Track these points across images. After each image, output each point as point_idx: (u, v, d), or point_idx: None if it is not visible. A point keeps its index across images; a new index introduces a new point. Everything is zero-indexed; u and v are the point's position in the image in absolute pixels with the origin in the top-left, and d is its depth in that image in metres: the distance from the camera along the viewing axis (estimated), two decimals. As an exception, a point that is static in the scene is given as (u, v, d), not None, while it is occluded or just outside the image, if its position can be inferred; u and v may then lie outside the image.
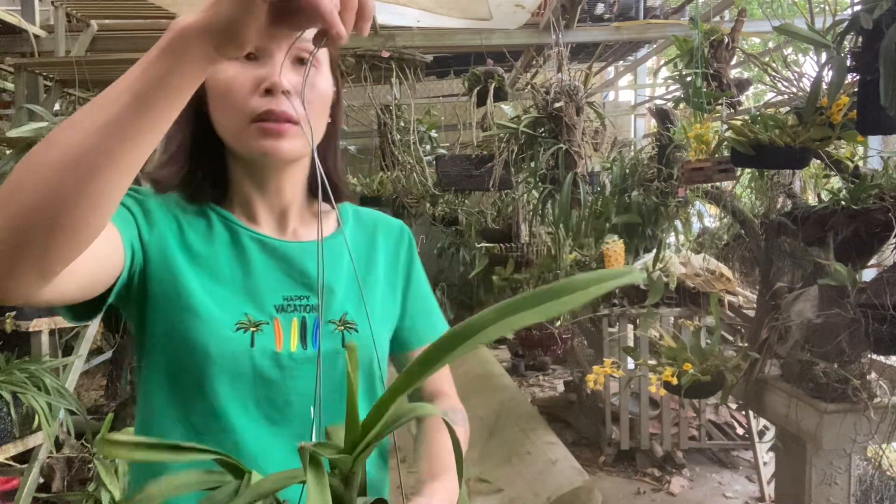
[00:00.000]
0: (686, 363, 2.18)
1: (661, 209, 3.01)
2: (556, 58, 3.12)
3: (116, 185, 0.50)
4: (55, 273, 0.53)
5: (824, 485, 1.94)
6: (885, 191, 1.77)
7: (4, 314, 2.14)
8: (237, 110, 0.72)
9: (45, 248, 0.49)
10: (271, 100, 0.71)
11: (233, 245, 0.79)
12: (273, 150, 0.72)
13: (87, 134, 0.48)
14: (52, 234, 0.49)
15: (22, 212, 0.48)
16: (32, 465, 2.11)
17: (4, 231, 0.48)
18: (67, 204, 0.48)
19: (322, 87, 0.76)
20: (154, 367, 0.76)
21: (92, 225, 0.51)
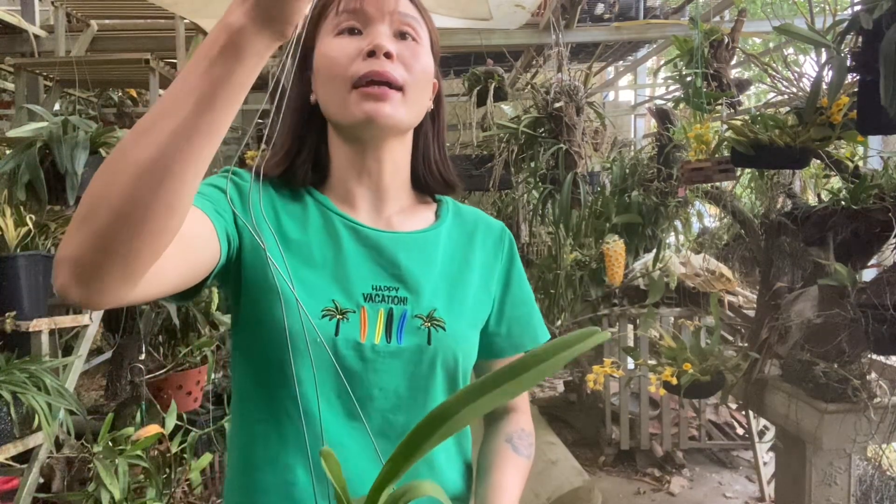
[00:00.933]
0: (686, 363, 2.18)
1: (661, 209, 3.01)
2: (556, 58, 3.12)
3: (190, 185, 0.52)
4: (139, 276, 0.54)
5: (824, 485, 1.94)
6: (885, 191, 1.77)
7: (4, 314, 2.14)
8: (341, 78, 0.74)
9: (127, 253, 0.51)
10: (373, 62, 0.73)
11: (326, 230, 0.78)
12: (374, 112, 0.72)
13: (158, 141, 0.49)
14: (133, 240, 0.50)
15: (106, 221, 0.49)
16: (32, 465, 2.11)
17: (90, 241, 0.50)
18: (147, 209, 0.49)
19: (423, 61, 0.77)
20: (243, 350, 0.77)
21: (170, 225, 0.52)
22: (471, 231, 0.87)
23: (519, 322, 0.88)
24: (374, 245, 0.78)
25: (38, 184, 2.19)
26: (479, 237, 0.87)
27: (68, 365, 2.31)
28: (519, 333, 0.88)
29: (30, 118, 2.66)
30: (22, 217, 2.24)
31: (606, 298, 3.35)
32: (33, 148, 2.22)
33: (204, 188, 0.73)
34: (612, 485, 3.24)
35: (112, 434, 2.17)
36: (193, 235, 0.64)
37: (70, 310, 2.51)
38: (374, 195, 0.81)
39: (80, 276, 0.51)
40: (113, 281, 0.52)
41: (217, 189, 0.74)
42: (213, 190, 0.74)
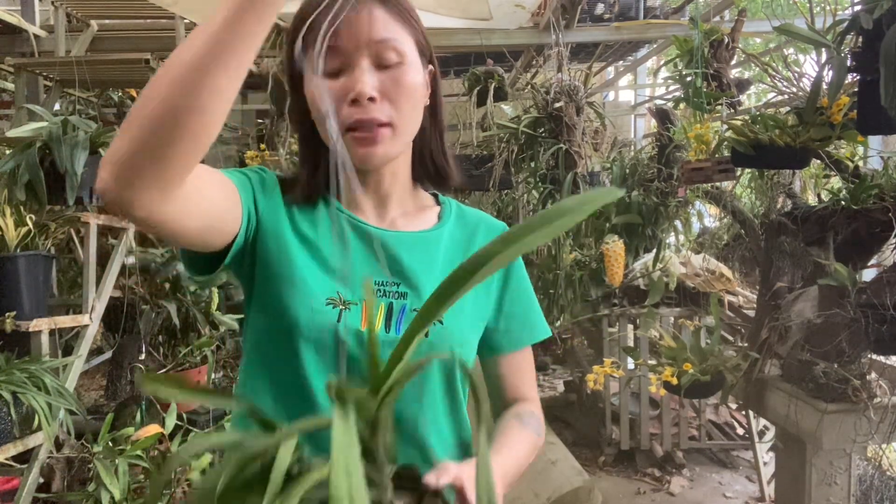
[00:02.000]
0: (686, 363, 2.18)
1: (661, 209, 3.02)
2: (555, 58, 3.12)
3: (226, 87, 0.57)
4: (173, 185, 0.59)
5: (824, 485, 1.94)
6: (885, 191, 1.77)
7: (4, 314, 2.14)
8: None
9: (163, 156, 0.56)
10: (358, 109, 0.74)
11: (334, 230, 0.84)
12: (368, 157, 0.77)
13: (196, 48, 0.55)
14: (169, 142, 0.56)
15: (146, 123, 0.55)
16: (32, 465, 2.11)
17: (130, 143, 0.56)
18: (187, 102, 0.55)
19: (407, 80, 0.77)
20: (253, 331, 0.82)
21: (203, 131, 0.57)
22: (472, 231, 0.90)
23: (517, 318, 0.90)
24: (377, 244, 0.83)
25: (38, 184, 2.19)
26: (481, 237, 0.90)
27: (68, 365, 2.31)
28: (518, 329, 0.89)
29: (30, 118, 2.66)
30: (22, 217, 2.24)
31: (606, 298, 3.35)
32: (33, 148, 2.22)
33: (233, 173, 0.79)
34: (612, 485, 3.24)
35: (112, 434, 2.17)
36: (227, 189, 0.73)
37: (70, 310, 2.51)
38: (377, 201, 0.86)
39: (119, 176, 0.57)
40: (148, 184, 0.57)
41: (245, 176, 0.81)
42: (242, 176, 0.80)
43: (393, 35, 0.76)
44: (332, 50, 0.74)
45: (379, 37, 0.75)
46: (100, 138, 2.37)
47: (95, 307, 2.44)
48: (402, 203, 0.87)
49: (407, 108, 0.78)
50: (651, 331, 2.75)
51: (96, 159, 2.37)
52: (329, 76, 0.75)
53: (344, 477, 0.40)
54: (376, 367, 0.51)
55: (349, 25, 0.74)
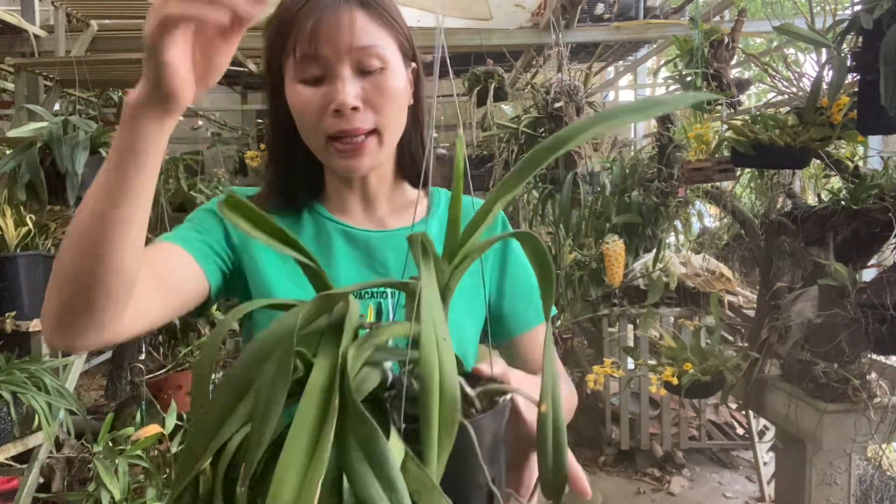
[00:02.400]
0: (686, 363, 2.18)
1: (661, 209, 3.01)
2: (555, 58, 3.12)
3: (126, 246, 0.57)
4: (109, 324, 0.60)
5: (824, 485, 1.94)
6: (885, 191, 1.77)
7: (4, 314, 2.14)
8: (313, 131, 0.76)
9: (88, 308, 0.58)
10: (341, 119, 0.73)
11: (317, 236, 0.83)
12: (353, 168, 0.77)
13: (91, 202, 0.56)
14: (89, 298, 0.57)
15: (65, 285, 0.58)
16: (32, 465, 2.11)
17: (57, 301, 0.59)
18: (94, 260, 0.56)
19: (390, 86, 0.76)
20: (249, 338, 0.84)
21: (118, 283, 0.58)
22: (465, 217, 0.88)
23: (522, 299, 0.88)
24: (364, 246, 0.83)
25: (38, 184, 2.19)
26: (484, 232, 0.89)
27: (68, 365, 2.31)
28: (524, 310, 0.88)
29: (30, 118, 2.65)
30: (22, 217, 2.24)
31: (606, 298, 3.35)
32: (33, 148, 2.22)
33: (197, 217, 0.80)
34: (612, 485, 3.24)
35: (112, 434, 2.17)
36: (176, 279, 0.72)
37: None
38: (365, 202, 0.86)
39: (56, 328, 0.60)
40: (85, 330, 0.59)
41: (210, 213, 0.81)
42: (205, 215, 0.80)
43: (375, 41, 0.74)
44: (312, 57, 0.72)
45: (361, 44, 0.73)
46: (100, 138, 2.37)
47: (95, 307, 2.44)
48: (389, 200, 0.87)
49: (390, 113, 0.77)
50: (651, 331, 2.75)
51: (97, 159, 2.37)
52: (309, 83, 0.74)
53: (431, 329, 0.43)
54: (456, 234, 0.53)
55: (329, 32, 0.72)
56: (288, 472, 0.35)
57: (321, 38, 0.72)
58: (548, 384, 0.49)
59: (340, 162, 0.76)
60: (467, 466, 0.42)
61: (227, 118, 5.94)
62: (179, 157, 4.13)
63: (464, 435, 0.44)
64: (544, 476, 0.49)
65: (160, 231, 3.65)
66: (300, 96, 0.74)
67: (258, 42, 0.82)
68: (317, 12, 0.72)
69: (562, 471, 0.49)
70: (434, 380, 0.42)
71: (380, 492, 0.36)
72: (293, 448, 0.36)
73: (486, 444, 0.47)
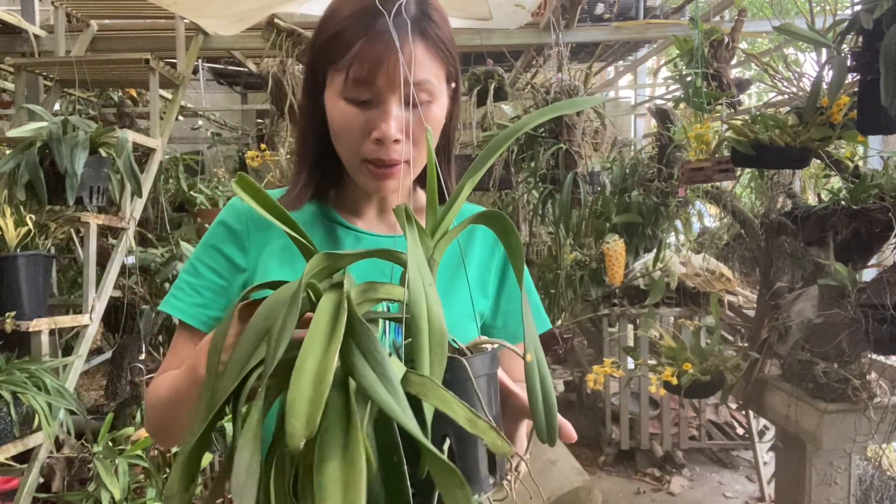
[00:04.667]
0: (686, 363, 2.18)
1: (661, 209, 3.01)
2: (556, 58, 3.12)
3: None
4: None
5: (824, 485, 1.94)
6: (885, 191, 1.77)
7: (4, 314, 2.14)
8: (350, 150, 0.76)
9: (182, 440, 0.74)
10: (381, 148, 0.73)
11: (327, 239, 0.83)
12: (381, 189, 0.78)
13: (162, 399, 0.74)
14: (179, 438, 0.76)
15: (165, 413, 0.74)
16: (32, 465, 2.11)
17: (162, 420, 0.76)
18: (174, 423, 0.74)
19: (432, 118, 0.76)
20: None
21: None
22: (472, 228, 0.89)
23: (514, 314, 0.89)
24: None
25: (38, 184, 2.19)
26: (479, 234, 0.90)
27: (68, 365, 2.31)
28: (514, 324, 0.89)
29: (30, 118, 2.65)
30: (22, 217, 2.24)
31: (606, 298, 3.35)
32: (33, 148, 2.22)
33: (201, 257, 0.82)
34: (612, 485, 3.24)
35: (112, 434, 2.17)
36: None
37: (70, 310, 2.51)
38: (380, 208, 0.87)
39: (160, 439, 0.81)
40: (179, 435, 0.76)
41: (220, 231, 0.82)
42: (212, 241, 0.82)
43: (428, 76, 0.73)
44: (364, 82, 0.71)
45: (415, 80, 0.72)
46: (100, 138, 2.37)
47: (95, 307, 2.45)
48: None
49: (426, 144, 0.77)
50: (651, 331, 2.75)
51: (96, 159, 2.37)
52: (354, 104, 0.73)
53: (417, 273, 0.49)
54: (434, 214, 0.59)
55: (385, 60, 0.70)
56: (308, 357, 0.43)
57: (379, 67, 0.70)
58: (530, 337, 0.54)
59: (370, 182, 0.76)
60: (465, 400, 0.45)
61: (227, 118, 5.94)
62: (179, 157, 4.13)
63: (459, 371, 0.50)
64: (537, 421, 0.53)
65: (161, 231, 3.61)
66: (343, 114, 0.74)
67: (258, 42, 0.82)
68: (379, 37, 0.70)
69: (552, 414, 0.54)
70: (422, 309, 0.48)
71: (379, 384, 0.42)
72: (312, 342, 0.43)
73: (481, 387, 0.52)
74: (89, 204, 2.36)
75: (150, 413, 0.79)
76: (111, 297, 2.61)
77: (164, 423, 0.76)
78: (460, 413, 0.43)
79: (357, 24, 0.71)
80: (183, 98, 3.30)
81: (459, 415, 0.43)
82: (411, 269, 0.50)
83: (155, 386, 0.78)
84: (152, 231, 3.53)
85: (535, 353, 0.53)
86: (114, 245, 2.67)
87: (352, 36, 0.71)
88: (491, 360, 0.55)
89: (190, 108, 4.78)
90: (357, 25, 0.70)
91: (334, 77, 0.74)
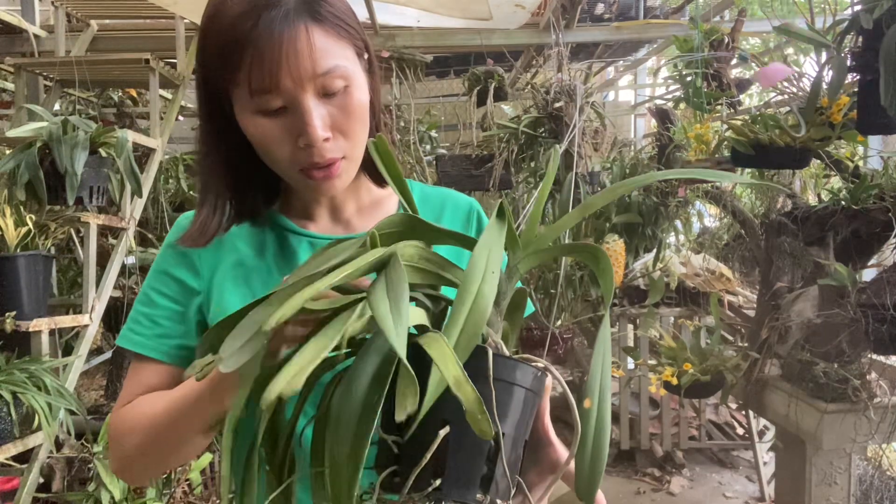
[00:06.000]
0: (686, 363, 2.18)
1: (661, 209, 3.01)
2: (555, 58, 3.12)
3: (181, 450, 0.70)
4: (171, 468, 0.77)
5: (824, 485, 1.94)
6: (885, 191, 1.77)
7: (4, 314, 2.14)
8: (282, 163, 0.70)
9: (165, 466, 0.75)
10: (312, 152, 0.68)
11: (280, 250, 0.79)
12: (328, 191, 0.73)
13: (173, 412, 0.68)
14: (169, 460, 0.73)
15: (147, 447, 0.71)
16: (32, 465, 2.11)
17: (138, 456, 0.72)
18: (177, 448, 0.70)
19: (355, 104, 0.70)
20: None
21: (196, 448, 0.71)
22: (438, 212, 0.87)
23: None
24: None
25: (38, 184, 2.19)
26: (448, 216, 0.86)
27: (68, 365, 2.31)
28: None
29: (30, 118, 2.65)
30: (22, 217, 2.24)
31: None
32: (33, 148, 2.22)
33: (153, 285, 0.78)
34: (612, 485, 3.24)
35: (112, 434, 2.17)
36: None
37: (70, 310, 2.51)
38: (331, 207, 0.82)
39: (129, 476, 0.76)
40: (153, 477, 0.78)
41: (169, 255, 0.79)
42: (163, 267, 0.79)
43: (336, 60, 0.66)
44: (270, 90, 0.65)
45: (324, 69, 0.65)
46: (100, 138, 2.37)
47: (95, 307, 2.44)
48: (355, 199, 0.83)
49: (358, 130, 0.72)
50: (651, 331, 2.75)
51: (96, 159, 2.37)
52: (269, 115, 0.67)
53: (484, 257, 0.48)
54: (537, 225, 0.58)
55: (288, 60, 0.63)
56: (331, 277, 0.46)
57: (279, 68, 0.63)
58: (595, 378, 0.49)
59: (316, 189, 0.72)
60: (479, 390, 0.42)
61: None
62: (179, 157, 4.13)
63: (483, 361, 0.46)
64: (579, 473, 0.48)
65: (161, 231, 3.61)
66: (261, 129, 0.68)
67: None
68: (267, 37, 0.63)
69: (598, 471, 0.47)
70: (472, 287, 0.46)
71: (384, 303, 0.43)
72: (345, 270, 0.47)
73: (516, 398, 0.49)
74: (89, 204, 2.36)
75: (124, 443, 0.72)
76: (111, 297, 2.61)
77: (146, 450, 0.70)
78: (451, 370, 0.41)
79: (240, 31, 0.63)
80: (183, 98, 3.30)
81: (449, 371, 0.41)
82: (479, 250, 0.48)
83: (126, 416, 0.72)
84: (152, 231, 3.53)
85: (598, 398, 0.48)
86: (114, 245, 2.67)
87: (240, 42, 0.63)
88: (534, 377, 0.51)
89: (190, 108, 4.78)
90: (241, 32, 0.63)
91: (237, 93, 0.67)
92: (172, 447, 0.69)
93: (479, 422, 0.40)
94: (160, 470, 0.74)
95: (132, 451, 0.71)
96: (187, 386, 0.66)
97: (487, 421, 0.40)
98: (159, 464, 0.72)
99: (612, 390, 2.16)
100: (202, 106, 0.73)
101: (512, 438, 0.49)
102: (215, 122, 0.72)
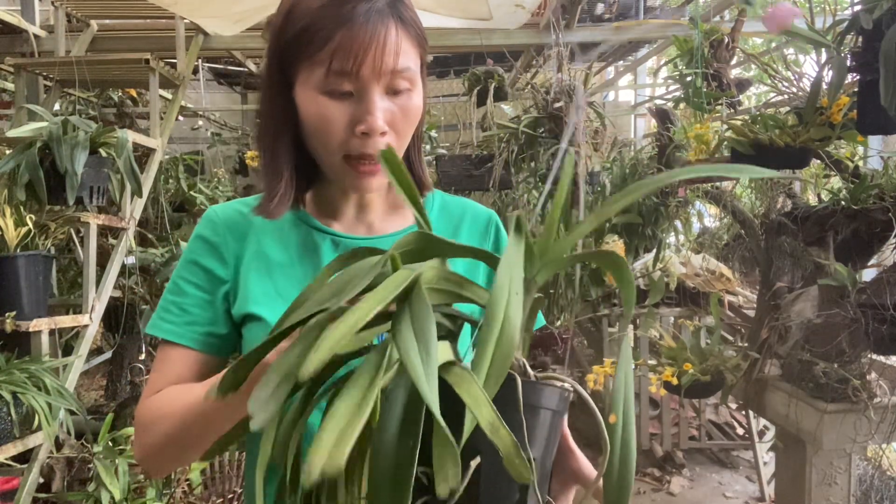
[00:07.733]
0: (686, 363, 2.18)
1: (661, 209, 3.01)
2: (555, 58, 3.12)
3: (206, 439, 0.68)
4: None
5: (824, 485, 1.94)
6: (885, 191, 1.77)
7: (4, 314, 2.14)
8: (332, 146, 0.72)
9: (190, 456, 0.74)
10: (367, 142, 0.70)
11: (303, 246, 0.81)
12: (365, 187, 0.75)
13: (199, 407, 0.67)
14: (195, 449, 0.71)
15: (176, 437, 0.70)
16: (32, 465, 2.11)
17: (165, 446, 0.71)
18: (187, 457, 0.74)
19: (413, 108, 0.74)
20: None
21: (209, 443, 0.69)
22: (457, 222, 0.88)
23: None
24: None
25: (38, 184, 2.19)
26: (466, 227, 0.88)
27: (68, 365, 2.31)
28: None
29: (30, 118, 2.65)
30: (22, 217, 2.24)
31: (606, 298, 3.35)
32: (33, 148, 2.22)
33: (183, 275, 0.80)
34: (612, 485, 3.24)
35: (112, 434, 2.17)
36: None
37: (70, 310, 2.51)
38: (357, 205, 0.84)
39: (154, 466, 0.76)
40: (177, 467, 0.79)
41: (198, 245, 0.81)
42: (192, 257, 0.80)
43: (409, 63, 0.71)
44: (347, 74, 0.68)
45: (399, 67, 0.69)
46: (100, 138, 2.37)
47: (95, 307, 2.45)
48: (382, 203, 0.85)
49: (409, 133, 0.75)
50: (651, 331, 2.75)
51: (96, 159, 2.37)
52: (335, 97, 0.70)
53: (507, 277, 0.46)
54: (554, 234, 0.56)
55: (373, 50, 0.67)
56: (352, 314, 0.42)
57: (365, 55, 0.67)
58: (619, 393, 0.49)
59: (355, 181, 0.74)
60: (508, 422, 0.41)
61: (227, 118, 5.94)
62: (179, 157, 4.14)
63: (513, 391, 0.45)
64: (607, 489, 0.48)
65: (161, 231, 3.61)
66: (324, 109, 0.70)
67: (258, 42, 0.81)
68: (362, 23, 0.67)
69: (626, 487, 0.47)
70: (499, 312, 0.44)
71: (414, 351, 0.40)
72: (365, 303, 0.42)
73: (542, 422, 0.48)
74: (89, 204, 2.36)
75: (151, 431, 0.72)
76: (111, 297, 2.61)
77: (174, 441, 0.70)
78: (485, 415, 0.39)
79: (333, 14, 0.67)
80: (183, 98, 3.30)
81: (483, 416, 0.39)
82: (502, 272, 0.46)
83: (154, 405, 0.73)
84: (152, 231, 3.53)
85: (622, 413, 0.48)
86: (114, 245, 2.67)
87: (330, 26, 0.67)
88: (560, 398, 0.51)
89: (190, 108, 4.78)
90: (333, 15, 0.67)
91: (310, 71, 0.70)
92: (201, 439, 0.69)
93: (516, 466, 0.39)
94: (186, 460, 0.74)
95: (160, 438, 0.71)
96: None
97: (525, 465, 0.39)
98: (186, 452, 0.72)
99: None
100: (272, 85, 0.74)
101: (541, 460, 0.50)
102: (283, 99, 0.74)
